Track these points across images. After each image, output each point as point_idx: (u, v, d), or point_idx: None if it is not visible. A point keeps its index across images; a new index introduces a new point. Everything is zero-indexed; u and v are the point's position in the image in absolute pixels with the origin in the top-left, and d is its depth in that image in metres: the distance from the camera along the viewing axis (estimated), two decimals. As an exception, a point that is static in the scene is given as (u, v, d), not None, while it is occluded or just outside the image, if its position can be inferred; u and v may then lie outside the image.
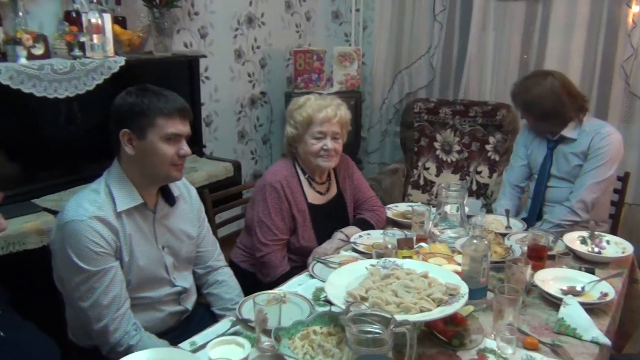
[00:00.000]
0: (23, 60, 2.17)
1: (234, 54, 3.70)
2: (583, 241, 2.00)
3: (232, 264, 2.14)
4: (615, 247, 1.96)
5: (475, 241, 1.54)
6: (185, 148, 1.58)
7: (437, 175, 3.70)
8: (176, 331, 1.68)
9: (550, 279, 1.69)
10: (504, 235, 2.03)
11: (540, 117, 2.44)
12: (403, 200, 3.53)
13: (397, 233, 1.81)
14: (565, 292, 1.62)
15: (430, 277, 1.47)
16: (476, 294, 1.55)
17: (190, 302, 1.78)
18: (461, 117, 3.63)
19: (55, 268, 1.59)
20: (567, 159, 2.44)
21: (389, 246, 1.72)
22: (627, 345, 2.04)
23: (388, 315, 1.14)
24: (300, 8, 4.20)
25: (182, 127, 1.57)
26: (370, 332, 1.11)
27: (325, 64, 3.83)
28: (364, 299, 1.37)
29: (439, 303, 1.36)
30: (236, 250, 2.22)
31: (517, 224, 2.22)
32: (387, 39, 4.04)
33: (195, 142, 3.05)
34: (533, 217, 2.52)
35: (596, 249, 1.95)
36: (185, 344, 1.40)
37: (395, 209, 2.35)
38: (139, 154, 1.55)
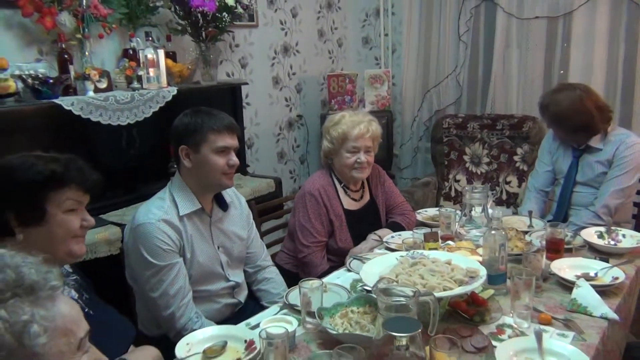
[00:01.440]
0: (91, 93, 2.49)
1: (272, 81, 4.00)
2: (600, 235, 2.15)
3: (277, 266, 2.37)
4: (631, 239, 2.10)
5: (493, 232, 1.73)
6: (234, 159, 1.84)
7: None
8: (231, 321, 1.90)
9: (566, 267, 1.86)
10: (525, 232, 2.20)
11: (571, 130, 2.55)
12: (436, 212, 3.71)
13: (434, 230, 2.01)
14: (579, 278, 1.77)
15: (453, 264, 1.67)
16: (496, 279, 1.73)
17: (242, 296, 2.02)
18: (489, 131, 3.81)
19: (128, 266, 1.85)
20: (592, 167, 2.56)
21: (418, 242, 1.92)
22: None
23: (413, 289, 1.34)
24: (332, 36, 4.49)
25: (230, 141, 1.83)
26: (398, 301, 1.31)
27: (357, 86, 4.09)
28: (394, 282, 1.58)
29: (460, 283, 1.55)
30: (281, 254, 2.45)
31: (539, 223, 2.38)
32: (415, 61, 4.27)
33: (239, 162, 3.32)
34: (559, 220, 2.66)
35: (612, 242, 2.10)
36: (242, 324, 1.63)
37: (425, 213, 2.54)
38: (195, 166, 1.81)
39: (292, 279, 2.22)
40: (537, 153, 3.43)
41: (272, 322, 1.53)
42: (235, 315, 1.97)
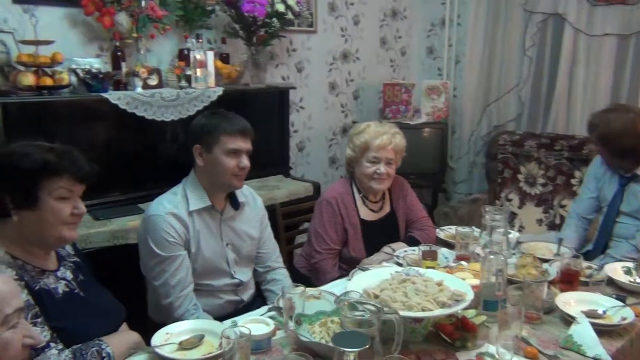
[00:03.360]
0: (139, 90, 2.65)
1: (328, 86, 4.05)
2: (627, 271, 2.01)
3: (294, 270, 2.42)
4: (660, 279, 1.95)
5: (491, 256, 1.68)
6: (245, 161, 1.90)
7: (520, 207, 3.72)
8: (232, 317, 1.97)
9: (573, 301, 1.75)
10: (547, 260, 2.10)
11: (617, 153, 2.41)
12: (484, 230, 3.60)
13: (434, 248, 1.97)
14: (585, 314, 1.67)
15: (444, 285, 1.63)
16: (491, 306, 1.68)
17: (246, 295, 2.08)
18: (546, 151, 3.64)
19: (140, 254, 1.97)
20: (637, 197, 2.39)
21: (420, 259, 1.89)
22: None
23: (378, 305, 1.34)
24: (395, 44, 4.47)
25: (242, 144, 1.89)
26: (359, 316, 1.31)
27: (414, 96, 4.05)
28: (376, 296, 1.57)
29: (442, 305, 1.52)
30: (298, 257, 2.50)
31: (567, 252, 2.25)
32: (477, 73, 4.16)
33: (282, 164, 3.40)
34: (598, 250, 2.51)
35: (639, 280, 1.96)
36: (228, 322, 1.68)
37: (449, 231, 2.48)
38: (207, 165, 1.90)
39: (305, 284, 2.25)
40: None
41: (250, 322, 1.57)
42: (239, 312, 2.01)
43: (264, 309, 1.79)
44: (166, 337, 1.51)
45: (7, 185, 1.34)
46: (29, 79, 2.32)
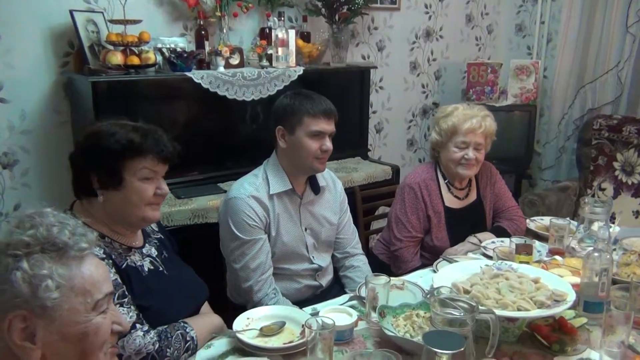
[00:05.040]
0: (221, 69, 2.65)
1: (409, 66, 3.90)
2: None
3: (372, 255, 2.35)
4: None
5: (596, 254, 1.53)
6: (328, 144, 1.84)
7: (614, 197, 3.45)
8: (311, 303, 1.93)
9: (688, 307, 1.58)
10: (654, 259, 1.91)
11: None
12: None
13: (529, 242, 1.84)
14: (702, 322, 1.50)
15: (541, 283, 1.51)
16: (593, 307, 1.54)
17: (325, 280, 2.03)
18: (648, 137, 3.34)
19: (220, 236, 1.96)
20: None
21: (513, 252, 1.77)
22: None
23: (473, 303, 1.24)
24: (482, 21, 4.24)
25: (325, 126, 1.83)
26: (452, 314, 1.22)
27: (501, 77, 3.83)
28: (466, 291, 1.47)
29: (540, 306, 1.40)
30: (377, 243, 2.42)
31: (677, 251, 2.04)
32: (571, 52, 3.86)
33: (361, 146, 3.32)
34: None
35: None
36: (308, 309, 1.64)
37: (540, 222, 2.32)
38: (289, 147, 1.85)
39: (383, 271, 2.15)
40: None
41: (333, 311, 1.52)
42: (317, 297, 1.99)
43: (345, 297, 1.74)
44: (247, 322, 1.49)
45: (94, 165, 1.35)
46: (117, 58, 2.36)
